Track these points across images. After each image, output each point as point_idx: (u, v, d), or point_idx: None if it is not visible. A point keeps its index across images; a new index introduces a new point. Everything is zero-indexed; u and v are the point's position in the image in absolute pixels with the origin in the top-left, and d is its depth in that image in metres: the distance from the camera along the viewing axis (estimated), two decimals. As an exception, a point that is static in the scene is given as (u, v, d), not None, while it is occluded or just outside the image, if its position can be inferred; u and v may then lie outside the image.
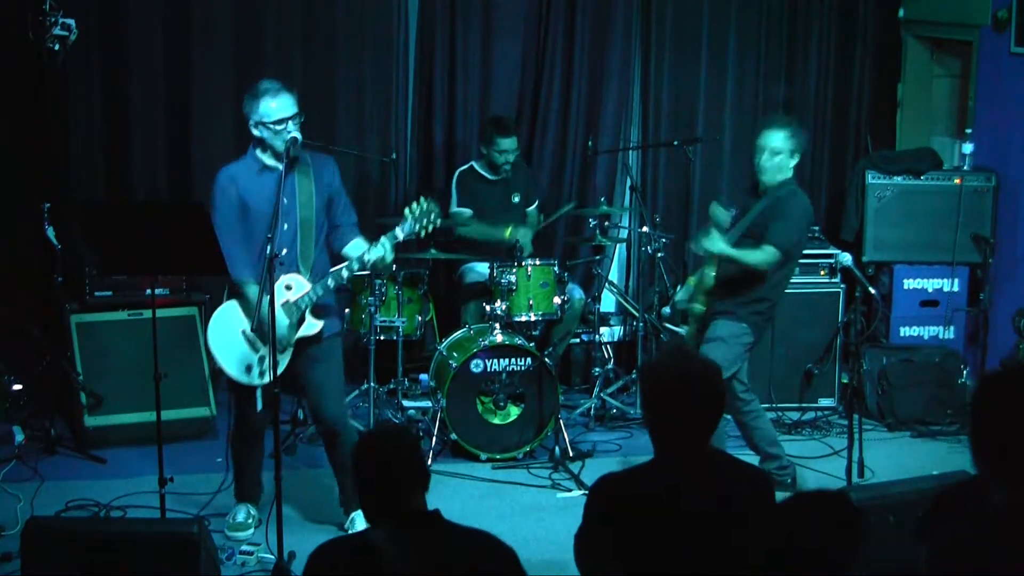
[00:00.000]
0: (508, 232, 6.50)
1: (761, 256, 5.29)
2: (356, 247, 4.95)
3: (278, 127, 4.77)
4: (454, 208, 6.64)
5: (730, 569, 3.08)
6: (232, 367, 4.88)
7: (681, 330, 5.85)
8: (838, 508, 2.75)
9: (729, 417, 5.53)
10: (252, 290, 4.78)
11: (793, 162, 5.40)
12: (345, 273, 4.83)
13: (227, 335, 4.88)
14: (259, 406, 4.88)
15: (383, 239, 4.80)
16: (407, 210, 4.80)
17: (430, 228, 4.79)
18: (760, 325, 5.46)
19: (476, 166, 6.72)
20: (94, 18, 6.47)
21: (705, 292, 5.45)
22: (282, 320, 4.75)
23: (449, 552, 2.98)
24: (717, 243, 5.31)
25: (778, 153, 5.35)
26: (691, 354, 3.23)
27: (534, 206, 6.91)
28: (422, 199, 4.80)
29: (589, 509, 3.26)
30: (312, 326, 4.87)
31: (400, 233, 4.78)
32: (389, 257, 4.81)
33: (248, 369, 4.86)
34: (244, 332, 4.86)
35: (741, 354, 5.41)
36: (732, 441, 5.63)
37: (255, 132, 4.84)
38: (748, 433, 5.57)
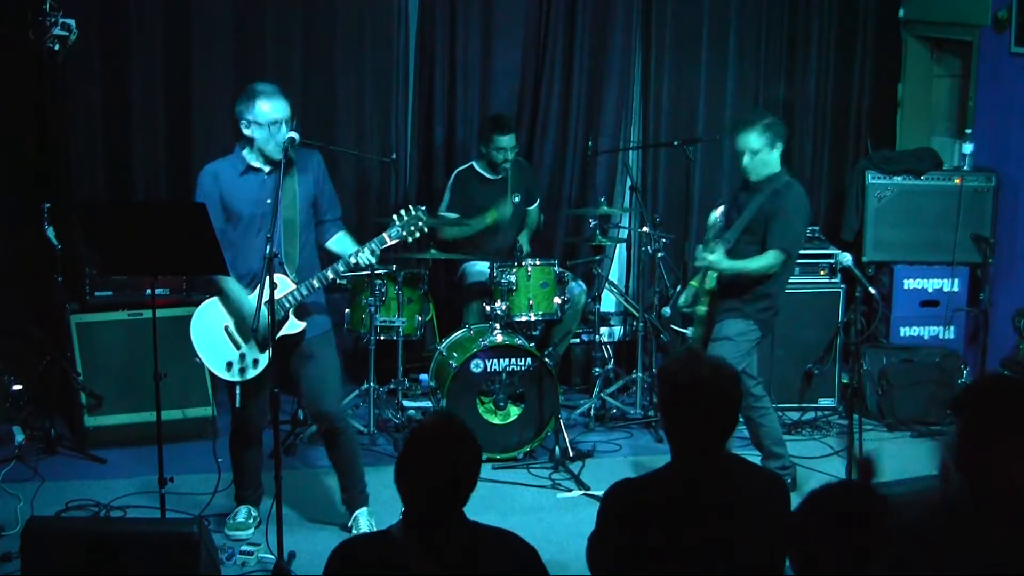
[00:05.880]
0: (490, 216, 6.49)
1: (766, 262, 5.33)
2: (342, 243, 5.00)
3: (273, 128, 4.78)
4: (442, 211, 6.65)
5: (746, 572, 3.07)
6: (213, 363, 4.89)
7: (687, 331, 5.85)
8: (862, 499, 2.72)
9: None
10: (230, 284, 4.80)
11: (775, 152, 5.40)
12: (330, 274, 4.84)
13: (210, 331, 4.89)
14: (238, 403, 4.89)
15: (372, 244, 4.82)
16: (395, 216, 4.88)
17: (416, 235, 4.89)
18: (767, 320, 5.48)
19: (476, 165, 6.72)
20: (94, 18, 6.46)
21: (708, 294, 5.45)
22: (266, 318, 4.73)
23: (473, 551, 2.96)
24: (722, 262, 5.33)
25: (757, 151, 5.39)
26: (707, 359, 3.22)
27: (535, 205, 6.91)
28: (411, 207, 4.88)
29: (604, 515, 3.24)
30: (295, 325, 4.88)
31: (387, 238, 4.84)
32: (374, 261, 4.89)
33: (229, 366, 4.86)
34: (227, 328, 4.88)
35: (749, 351, 5.43)
36: (737, 442, 5.63)
37: (247, 132, 4.85)
38: (754, 429, 5.56)
